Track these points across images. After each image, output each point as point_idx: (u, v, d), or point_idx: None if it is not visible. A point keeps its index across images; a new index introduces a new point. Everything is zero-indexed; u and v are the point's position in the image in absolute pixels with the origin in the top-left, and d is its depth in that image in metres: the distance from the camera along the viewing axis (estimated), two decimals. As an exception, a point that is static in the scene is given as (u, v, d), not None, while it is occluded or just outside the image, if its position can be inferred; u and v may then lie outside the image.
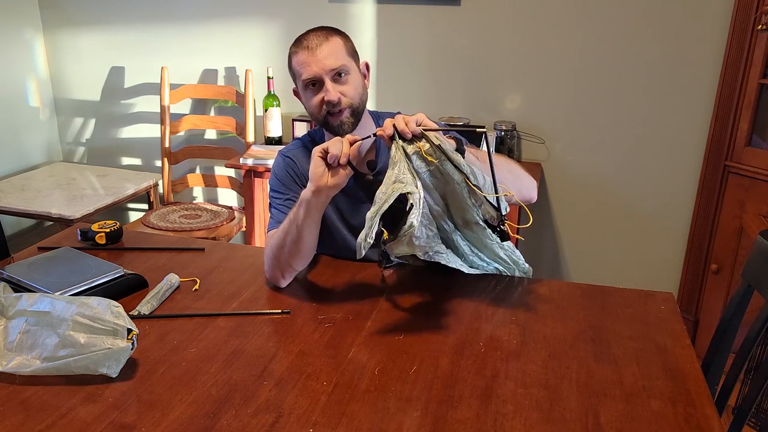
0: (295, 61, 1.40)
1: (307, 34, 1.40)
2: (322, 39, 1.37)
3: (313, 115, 1.43)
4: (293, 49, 1.41)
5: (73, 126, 3.20)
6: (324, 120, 1.41)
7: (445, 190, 1.27)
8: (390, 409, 0.98)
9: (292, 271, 1.37)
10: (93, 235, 1.55)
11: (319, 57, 1.36)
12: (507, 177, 1.35)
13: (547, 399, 1.01)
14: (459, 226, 1.35)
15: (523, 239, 2.56)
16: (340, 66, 1.37)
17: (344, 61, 1.38)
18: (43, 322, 1.06)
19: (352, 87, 1.39)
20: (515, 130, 2.55)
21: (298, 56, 1.39)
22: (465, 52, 2.59)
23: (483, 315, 1.27)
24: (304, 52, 1.37)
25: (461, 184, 1.22)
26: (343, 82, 1.38)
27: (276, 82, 2.75)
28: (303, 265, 1.38)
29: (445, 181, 1.23)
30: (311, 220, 1.30)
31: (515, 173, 1.40)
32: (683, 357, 1.13)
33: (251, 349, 1.14)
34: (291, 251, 1.33)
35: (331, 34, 1.39)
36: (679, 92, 2.41)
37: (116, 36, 2.98)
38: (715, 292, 2.41)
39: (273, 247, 1.34)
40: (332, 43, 1.38)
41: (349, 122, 1.40)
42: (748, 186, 2.25)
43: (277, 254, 1.34)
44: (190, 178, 2.99)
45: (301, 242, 1.32)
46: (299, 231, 1.30)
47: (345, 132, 1.40)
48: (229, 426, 0.94)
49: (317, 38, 1.37)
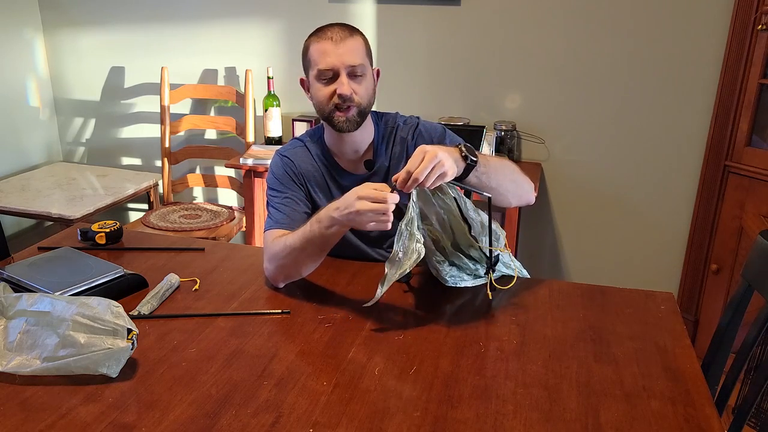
0: (314, 49, 1.38)
1: (331, 26, 1.39)
2: (346, 34, 1.37)
3: (320, 106, 1.41)
4: (313, 38, 1.39)
5: (73, 126, 3.20)
6: (329, 114, 1.40)
7: (451, 222, 1.31)
8: (390, 409, 0.98)
9: (298, 277, 1.38)
10: (93, 235, 1.55)
11: (341, 51, 1.35)
12: (509, 188, 1.37)
13: (547, 399, 1.01)
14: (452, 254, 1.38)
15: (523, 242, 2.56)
16: (359, 64, 1.37)
17: (363, 60, 1.39)
18: (43, 322, 1.06)
19: (364, 88, 1.40)
20: (515, 130, 2.55)
21: (318, 45, 1.37)
22: (465, 52, 2.59)
23: (483, 315, 1.27)
24: (327, 42, 1.36)
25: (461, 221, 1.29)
26: (357, 81, 1.38)
27: (276, 82, 2.75)
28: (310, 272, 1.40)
29: (449, 210, 1.28)
30: (335, 239, 1.30)
31: (516, 181, 1.41)
32: (683, 357, 1.13)
33: (251, 349, 1.14)
34: (305, 264, 1.34)
35: (354, 31, 1.40)
36: (679, 92, 2.41)
37: (116, 36, 2.98)
38: (715, 292, 2.41)
39: (280, 255, 1.33)
40: (355, 41, 1.38)
41: (354, 122, 1.40)
42: (748, 186, 2.25)
43: (284, 263, 1.33)
44: (190, 178, 2.99)
45: (318, 257, 1.34)
46: (321, 248, 1.31)
47: (347, 130, 1.40)
48: (229, 426, 0.94)
49: (341, 32, 1.37)
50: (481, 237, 1.30)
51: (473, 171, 1.26)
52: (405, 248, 1.19)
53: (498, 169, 1.33)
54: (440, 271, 1.34)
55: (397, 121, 1.52)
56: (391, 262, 1.19)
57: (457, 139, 1.45)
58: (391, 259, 1.20)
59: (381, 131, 1.51)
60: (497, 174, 1.32)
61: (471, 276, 1.37)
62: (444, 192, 1.25)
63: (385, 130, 1.51)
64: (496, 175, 1.32)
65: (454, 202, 1.25)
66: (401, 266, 1.18)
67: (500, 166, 1.35)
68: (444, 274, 1.34)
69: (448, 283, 1.34)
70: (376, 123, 1.51)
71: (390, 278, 1.18)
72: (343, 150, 1.48)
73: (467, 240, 1.31)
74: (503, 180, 1.34)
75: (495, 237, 1.30)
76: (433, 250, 1.35)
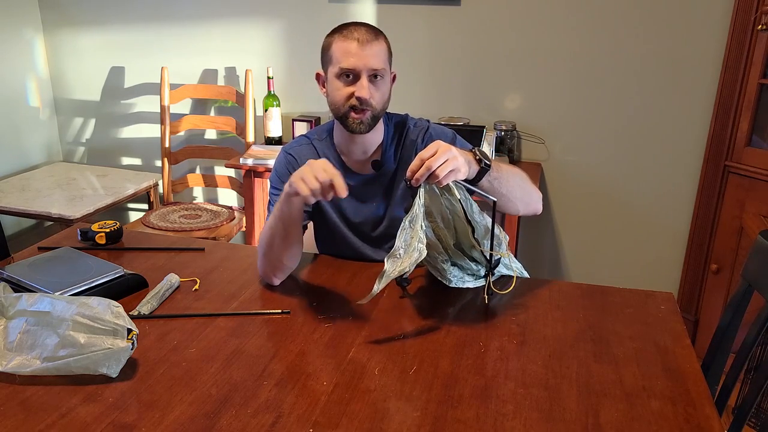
0: (338, 47, 1.38)
1: (357, 27, 1.39)
2: (372, 36, 1.37)
3: (336, 105, 1.41)
4: (337, 36, 1.39)
5: (73, 126, 3.20)
6: (344, 114, 1.40)
7: (455, 222, 1.31)
8: (390, 409, 0.98)
9: (285, 268, 1.37)
10: (93, 235, 1.55)
11: (367, 53, 1.35)
12: (518, 195, 1.38)
13: (547, 399, 1.01)
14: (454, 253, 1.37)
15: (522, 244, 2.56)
16: (381, 69, 1.38)
17: (384, 65, 1.39)
18: (43, 322, 1.06)
19: (381, 92, 1.40)
20: (515, 130, 2.55)
21: (343, 44, 1.37)
22: (465, 52, 2.59)
23: (483, 315, 1.27)
24: (353, 43, 1.36)
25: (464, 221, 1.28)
26: (376, 86, 1.39)
27: (276, 82, 2.75)
28: (294, 262, 1.38)
29: (454, 210, 1.29)
30: (295, 213, 1.30)
31: (526, 190, 1.41)
32: (683, 357, 1.13)
33: (251, 349, 1.14)
34: (282, 248, 1.33)
35: (379, 34, 1.40)
36: (679, 92, 2.41)
37: (116, 36, 2.98)
38: (715, 292, 2.41)
39: (262, 243, 1.35)
40: (379, 45, 1.38)
41: (368, 125, 1.41)
42: (748, 186, 2.25)
43: (265, 251, 1.34)
44: (190, 178, 2.99)
45: (290, 239, 1.32)
46: (286, 226, 1.31)
47: (360, 132, 1.41)
48: (229, 426, 0.94)
49: (368, 34, 1.37)
50: (483, 240, 1.31)
51: (486, 175, 1.26)
52: (407, 245, 1.19)
53: (509, 177, 1.34)
54: (444, 272, 1.34)
55: (407, 123, 1.52)
56: (392, 257, 1.19)
57: (467, 144, 1.46)
58: (391, 254, 1.19)
59: (391, 132, 1.51)
60: (508, 181, 1.33)
61: (473, 277, 1.37)
62: (451, 192, 1.25)
63: (394, 132, 1.51)
64: (507, 181, 1.32)
65: (459, 203, 1.25)
66: (401, 263, 1.18)
67: (512, 173, 1.35)
68: (447, 274, 1.34)
69: (452, 283, 1.34)
70: (386, 124, 1.51)
71: (389, 275, 1.17)
72: (352, 149, 1.49)
73: (469, 241, 1.31)
74: (513, 187, 1.35)
75: (497, 242, 1.31)
76: (439, 250, 1.34)
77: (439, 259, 1.35)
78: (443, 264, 1.35)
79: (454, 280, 1.34)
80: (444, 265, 1.35)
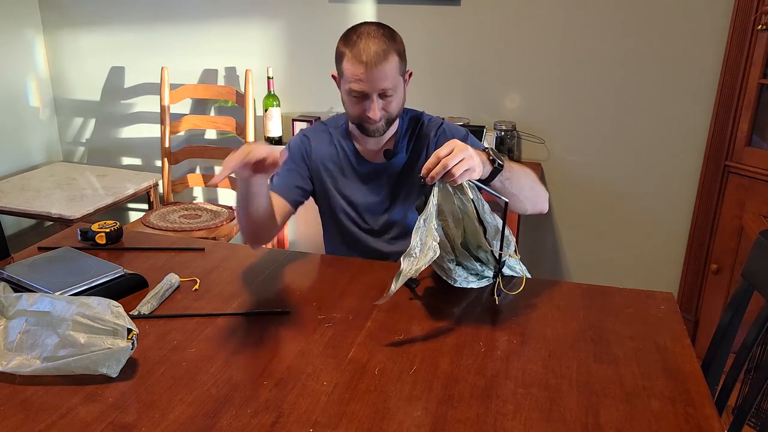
0: (347, 67, 1.38)
1: (366, 39, 1.36)
2: (381, 57, 1.35)
3: (349, 114, 1.46)
4: (347, 50, 1.37)
5: (73, 126, 3.20)
6: (359, 123, 1.45)
7: (465, 222, 1.31)
8: (390, 409, 0.98)
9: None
10: (93, 235, 1.55)
11: (375, 77, 1.35)
12: (528, 195, 1.38)
13: (547, 399, 1.01)
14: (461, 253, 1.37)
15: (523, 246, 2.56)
16: (391, 87, 1.38)
17: (395, 81, 1.39)
18: (43, 322, 1.06)
19: (394, 103, 1.42)
20: (515, 130, 2.55)
21: (352, 66, 1.36)
22: (465, 52, 2.59)
23: (483, 315, 1.27)
24: (359, 65, 1.35)
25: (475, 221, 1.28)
26: (388, 100, 1.41)
27: (276, 82, 2.75)
28: (266, 232, 1.41)
29: (465, 210, 1.28)
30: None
31: (535, 189, 1.41)
32: (683, 357, 1.13)
33: (251, 348, 1.14)
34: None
35: (388, 50, 1.36)
36: (679, 92, 2.41)
37: (116, 36, 2.98)
38: (715, 292, 2.41)
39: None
40: (389, 63, 1.36)
41: (382, 129, 1.45)
42: (748, 186, 2.25)
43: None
44: (190, 178, 2.99)
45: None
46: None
47: (376, 136, 1.46)
48: (229, 426, 0.94)
49: (377, 53, 1.34)
50: (493, 241, 1.30)
51: (499, 175, 1.26)
52: (422, 244, 1.19)
53: (520, 176, 1.34)
54: (450, 271, 1.34)
55: (422, 118, 1.55)
56: (407, 256, 1.18)
57: (479, 144, 1.47)
58: (407, 253, 1.19)
59: (405, 125, 1.54)
60: (519, 181, 1.33)
61: (477, 277, 1.37)
62: (464, 192, 1.24)
63: (409, 124, 1.54)
64: (518, 181, 1.32)
65: (472, 203, 1.25)
66: (417, 262, 1.17)
67: (522, 173, 1.36)
68: (453, 274, 1.34)
69: (457, 283, 1.34)
70: (401, 117, 1.53)
71: (406, 274, 1.17)
72: (366, 139, 1.52)
73: (477, 241, 1.31)
74: (524, 187, 1.35)
75: (506, 243, 1.30)
76: (447, 249, 1.34)
77: (446, 258, 1.35)
78: (449, 264, 1.34)
79: (459, 280, 1.34)
80: (450, 264, 1.34)
